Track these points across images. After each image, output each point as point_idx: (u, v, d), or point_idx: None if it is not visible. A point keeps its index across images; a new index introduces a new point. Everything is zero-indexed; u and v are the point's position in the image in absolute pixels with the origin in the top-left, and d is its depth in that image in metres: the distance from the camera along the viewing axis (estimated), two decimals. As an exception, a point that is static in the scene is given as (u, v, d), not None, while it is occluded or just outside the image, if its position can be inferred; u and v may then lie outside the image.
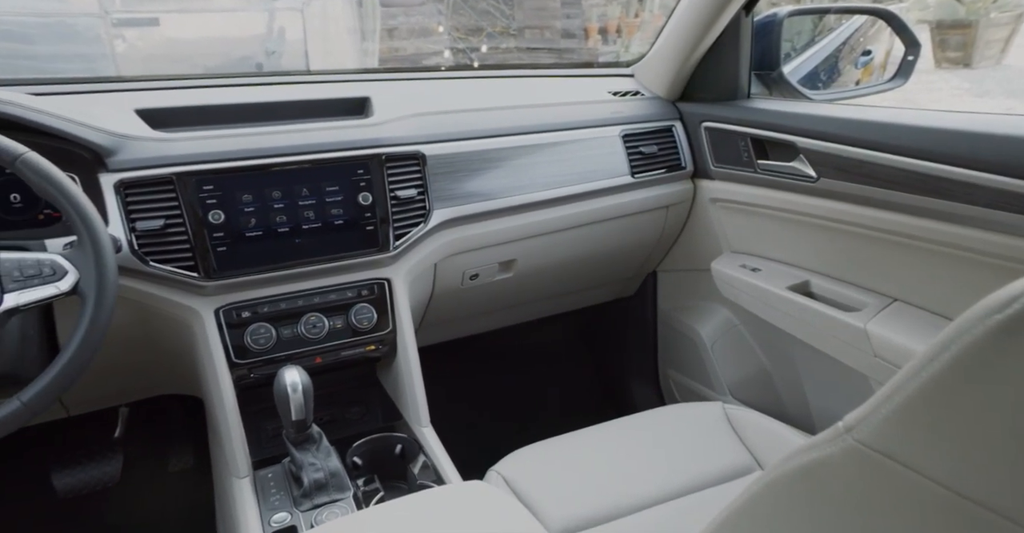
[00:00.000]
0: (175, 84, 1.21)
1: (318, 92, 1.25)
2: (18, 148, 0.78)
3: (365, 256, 1.11)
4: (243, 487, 0.99)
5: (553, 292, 1.60)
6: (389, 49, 5.64)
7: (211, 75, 1.29)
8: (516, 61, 6.88)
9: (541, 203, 1.29)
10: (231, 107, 1.13)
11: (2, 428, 0.76)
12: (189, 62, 4.62)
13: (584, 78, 1.56)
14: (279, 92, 1.25)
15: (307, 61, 4.87)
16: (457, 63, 6.38)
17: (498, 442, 1.21)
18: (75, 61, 4.55)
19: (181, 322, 1.03)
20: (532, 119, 1.30)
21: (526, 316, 1.69)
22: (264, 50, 4.88)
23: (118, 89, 1.15)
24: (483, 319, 1.58)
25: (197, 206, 0.98)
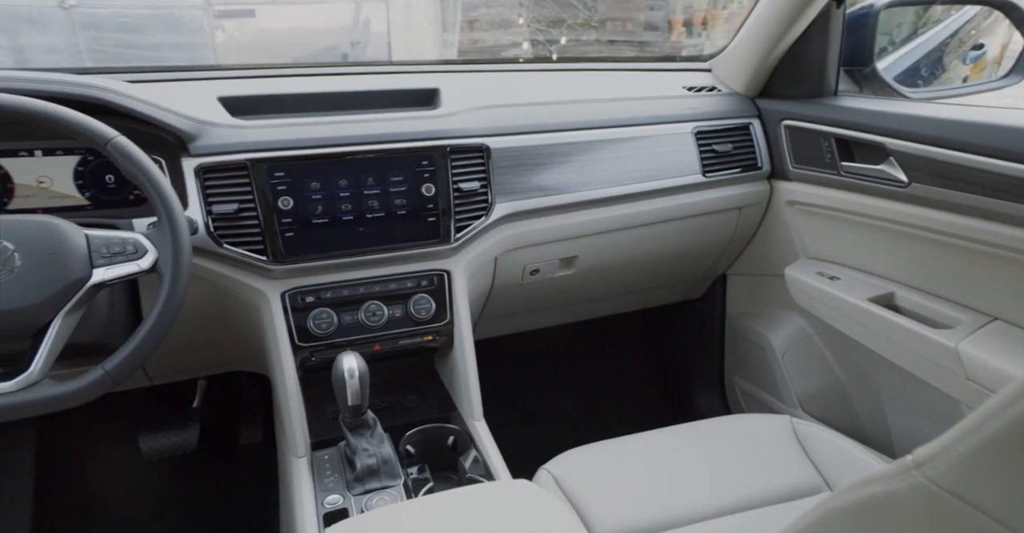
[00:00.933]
0: (256, 73, 1.26)
1: (391, 83, 1.27)
2: (109, 132, 0.83)
3: (426, 247, 1.12)
4: (300, 467, 1.02)
5: (616, 291, 1.57)
6: (469, 41, 5.69)
7: (291, 65, 1.33)
8: (596, 54, 6.78)
9: (606, 200, 1.26)
10: (306, 96, 1.16)
11: (87, 394, 0.81)
12: (280, 51, 4.82)
13: (658, 72, 1.52)
14: (354, 82, 1.28)
15: (389, 51, 4.98)
16: (536, 55, 6.36)
17: (551, 440, 1.20)
18: (179, 50, 4.83)
19: (251, 303, 1.07)
20: (600, 114, 1.27)
21: (588, 314, 1.67)
22: (349, 40, 5.03)
23: (204, 77, 1.21)
24: (543, 315, 1.57)
25: (268, 192, 1.02)
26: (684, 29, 6.99)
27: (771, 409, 1.58)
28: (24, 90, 0.84)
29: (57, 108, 0.81)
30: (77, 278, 0.80)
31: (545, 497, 0.82)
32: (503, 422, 1.82)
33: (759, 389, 1.65)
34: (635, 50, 6.92)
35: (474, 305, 1.32)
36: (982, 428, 0.32)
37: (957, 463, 0.33)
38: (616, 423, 1.29)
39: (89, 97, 0.92)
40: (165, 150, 1.02)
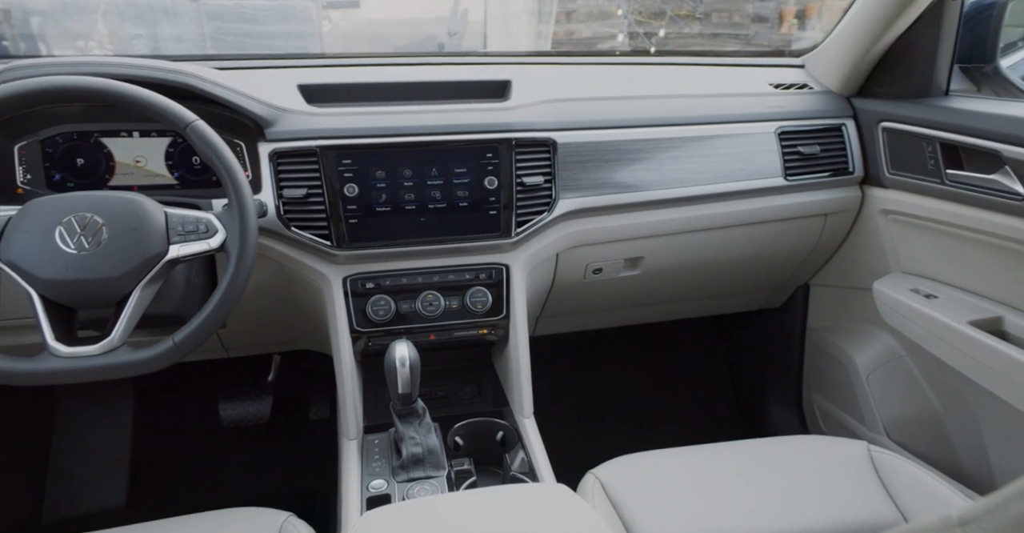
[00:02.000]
0: (337, 62, 1.30)
1: (466, 74, 1.27)
2: (189, 116, 0.88)
3: (486, 240, 1.12)
4: (351, 448, 1.05)
5: (685, 295, 1.51)
6: (565, 32, 5.63)
7: (370, 54, 1.36)
8: (698, 47, 6.51)
9: (677, 200, 1.21)
10: (380, 85, 1.19)
11: (157, 363, 0.87)
12: (381, 41, 4.97)
13: (746, 68, 1.43)
14: (430, 72, 1.29)
15: (484, 42, 5.02)
16: (633, 48, 6.20)
17: (606, 444, 1.17)
18: (289, 39, 5.09)
19: (315, 286, 1.11)
20: (676, 110, 1.22)
21: (655, 316, 1.62)
22: (447, 31, 5.11)
23: (288, 66, 1.26)
24: (607, 315, 1.54)
25: (335, 178, 1.05)
26: (797, 21, 6.59)
27: (852, 432, 1.47)
28: (120, 75, 0.91)
29: (144, 92, 0.86)
30: (155, 253, 0.86)
31: (580, 505, 0.80)
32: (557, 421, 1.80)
33: (839, 410, 1.54)
34: (740, 44, 6.60)
35: (534, 301, 1.31)
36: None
37: (1008, 527, 0.29)
38: (678, 432, 1.24)
39: (177, 82, 0.98)
40: (245, 135, 1.07)
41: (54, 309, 0.85)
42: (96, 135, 1.04)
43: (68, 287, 0.83)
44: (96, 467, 1.63)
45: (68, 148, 1.04)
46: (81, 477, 1.62)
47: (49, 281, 0.82)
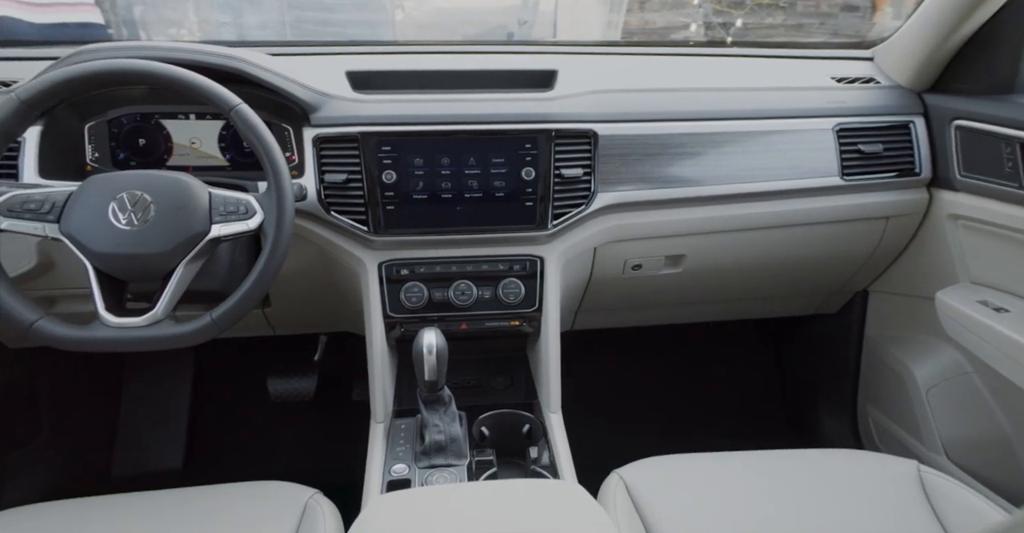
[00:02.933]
0: (390, 50, 1.32)
1: (516, 63, 1.27)
2: (234, 99, 0.91)
3: (521, 231, 1.12)
4: (377, 431, 1.08)
5: (731, 296, 1.45)
6: (639, 22, 5.49)
7: (424, 42, 1.37)
8: (779, 38, 6.22)
9: (723, 197, 1.17)
10: (427, 73, 1.19)
11: (195, 337, 0.91)
12: (451, 29, 5.01)
13: (808, 60, 1.36)
14: (481, 61, 1.29)
15: (554, 31, 4.97)
16: (710, 39, 5.98)
17: (638, 444, 1.15)
18: (362, 26, 5.21)
19: (352, 270, 1.14)
20: (726, 104, 1.17)
21: (700, 316, 1.57)
22: (517, 20, 5.09)
23: (339, 52, 1.28)
24: (649, 312, 1.50)
25: (374, 165, 1.07)
26: (892, 10, 6.18)
27: (908, 449, 1.39)
28: (174, 59, 0.95)
29: (192, 75, 0.90)
30: (198, 232, 0.90)
31: (590, 505, 0.79)
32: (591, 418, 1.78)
33: (896, 425, 1.46)
34: (827, 34, 6.25)
35: (571, 295, 1.30)
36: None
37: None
38: (717, 438, 1.20)
39: (226, 67, 1.02)
40: (293, 119, 1.10)
41: (106, 281, 0.90)
42: (157, 117, 1.10)
43: (118, 260, 0.88)
44: (158, 431, 1.74)
45: (132, 129, 1.10)
46: (145, 439, 1.73)
47: (102, 254, 0.87)
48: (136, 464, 1.71)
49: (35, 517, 0.90)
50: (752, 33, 6.18)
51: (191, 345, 0.92)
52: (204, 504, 0.93)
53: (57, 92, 0.87)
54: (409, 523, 0.74)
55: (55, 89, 0.86)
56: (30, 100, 0.86)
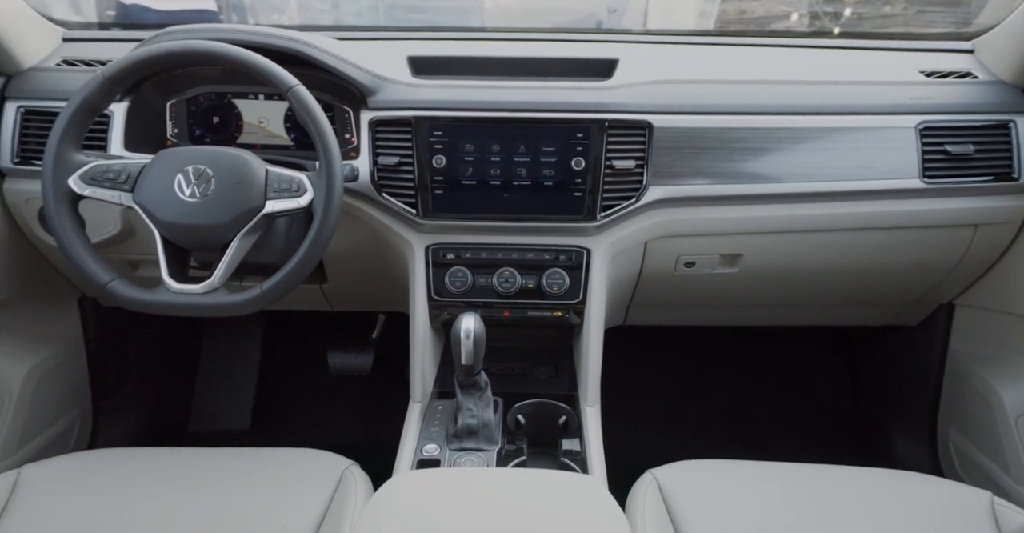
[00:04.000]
0: (455, 35, 1.33)
1: (578, 51, 1.24)
2: (291, 81, 0.95)
3: (568, 222, 1.10)
4: (414, 411, 1.10)
5: (795, 301, 1.38)
6: (737, 10, 5.25)
7: (491, 29, 1.37)
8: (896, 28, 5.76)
9: (785, 196, 1.11)
10: (487, 59, 1.19)
11: (245, 307, 0.96)
12: (540, 16, 4.98)
13: (900, 52, 1.25)
14: (543, 48, 1.27)
15: (645, 19, 4.84)
16: (816, 29, 5.62)
17: (683, 446, 1.12)
18: (451, 13, 5.29)
19: (401, 252, 1.17)
20: (792, 97, 1.10)
21: (762, 319, 1.50)
22: (607, 8, 4.99)
23: (405, 37, 1.31)
24: (705, 311, 1.45)
25: (425, 149, 1.08)
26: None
27: (992, 479, 1.27)
28: (242, 41, 1.00)
29: (254, 56, 0.94)
30: (253, 207, 0.94)
31: (605, 501, 0.78)
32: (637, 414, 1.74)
33: (979, 452, 1.34)
34: (955, 23, 5.74)
35: (621, 289, 1.27)
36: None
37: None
38: (773, 448, 1.14)
39: (289, 49, 1.06)
40: (353, 102, 1.13)
41: (171, 249, 0.97)
42: (229, 96, 1.16)
43: (182, 230, 0.94)
44: (230, 393, 1.87)
45: (207, 107, 1.17)
46: (218, 400, 1.86)
47: (167, 223, 0.94)
48: (209, 422, 1.84)
49: (112, 457, 1.00)
50: (866, 23, 5.75)
51: (242, 314, 0.97)
52: (251, 464, 0.98)
53: (135, 70, 0.94)
54: (423, 500, 0.75)
55: (134, 67, 0.93)
56: (112, 77, 0.93)
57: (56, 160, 0.93)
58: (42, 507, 0.89)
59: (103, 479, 0.94)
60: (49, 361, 1.38)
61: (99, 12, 2.80)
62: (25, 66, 1.16)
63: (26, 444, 1.33)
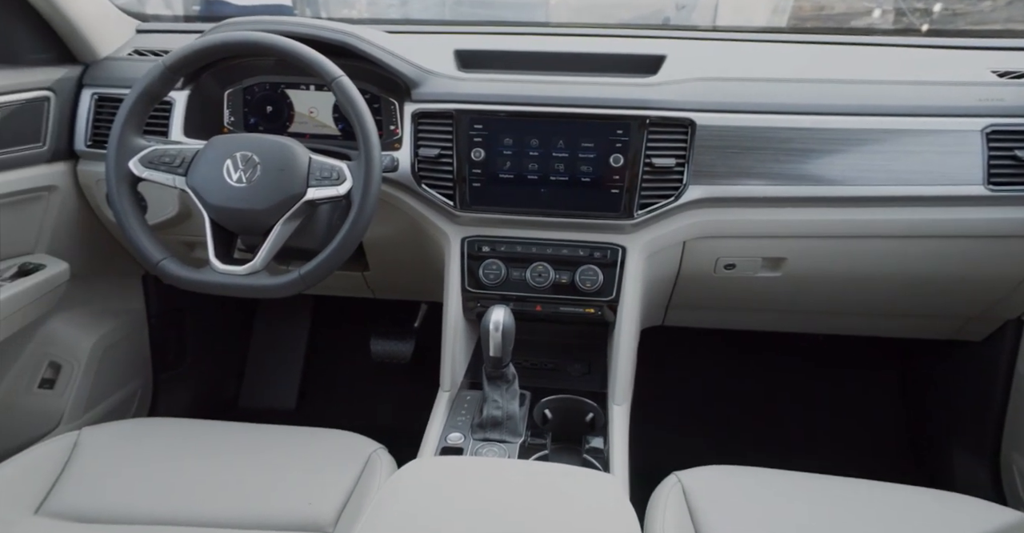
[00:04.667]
0: (504, 30, 1.33)
1: (626, 47, 1.23)
2: (336, 71, 0.98)
3: (604, 218, 1.09)
4: (442, 399, 1.12)
5: (845, 309, 1.32)
6: (813, 6, 5.04)
7: (543, 23, 1.37)
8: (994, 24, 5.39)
9: (833, 200, 1.06)
10: (533, 54, 1.19)
11: (283, 290, 1.00)
12: (605, 12, 4.93)
13: (969, 51, 1.18)
14: (592, 44, 1.26)
15: (715, 15, 4.71)
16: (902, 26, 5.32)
17: (719, 451, 1.10)
18: (516, 8, 5.30)
19: (437, 242, 1.18)
20: (846, 98, 1.05)
21: (809, 327, 1.44)
22: (675, 4, 4.89)
23: (454, 32, 1.32)
24: (748, 315, 1.41)
25: (464, 142, 1.09)
26: None
27: None
28: (293, 33, 1.04)
29: (300, 47, 0.97)
30: (295, 193, 0.98)
31: (618, 500, 0.77)
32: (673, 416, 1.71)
33: None
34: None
35: (659, 290, 1.25)
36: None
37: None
38: (814, 459, 1.10)
39: (335, 41, 1.09)
40: (398, 94, 1.16)
41: (219, 231, 1.02)
42: (282, 87, 1.21)
43: (228, 214, 0.99)
44: (279, 373, 1.95)
45: (262, 96, 1.22)
46: (267, 379, 1.94)
47: (215, 206, 0.98)
48: (258, 400, 1.93)
49: (161, 425, 1.07)
50: (960, 19, 5.39)
51: (280, 296, 1.01)
52: (287, 441, 1.03)
53: (192, 59, 0.99)
54: (437, 484, 0.77)
55: (191, 56, 0.98)
56: (172, 66, 0.99)
57: (119, 144, 0.99)
58: (95, 465, 0.96)
59: (150, 445, 1.00)
60: (114, 333, 1.47)
61: (185, 7, 3.02)
62: (101, 55, 1.24)
63: (91, 409, 1.43)
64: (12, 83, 1.11)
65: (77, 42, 1.20)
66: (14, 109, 1.12)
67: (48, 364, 1.35)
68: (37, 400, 1.34)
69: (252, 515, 0.88)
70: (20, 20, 1.13)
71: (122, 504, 0.89)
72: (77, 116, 1.21)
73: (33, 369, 1.33)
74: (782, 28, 1.89)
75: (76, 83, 1.21)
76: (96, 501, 0.90)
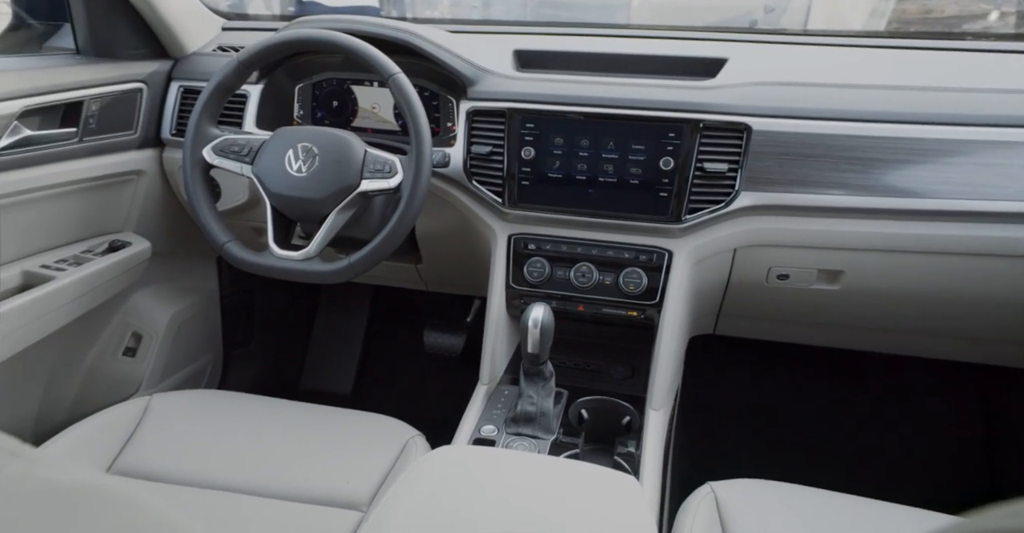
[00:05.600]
0: (571, 31, 1.34)
1: (688, 49, 1.21)
2: (393, 68, 1.02)
3: (652, 222, 1.08)
4: (479, 392, 1.14)
5: (913, 328, 1.25)
6: (919, 9, 4.74)
7: (609, 25, 1.37)
8: None
9: (899, 213, 1.01)
10: (591, 55, 1.20)
11: (334, 277, 1.05)
12: (689, 14, 4.82)
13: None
14: (656, 46, 1.25)
15: (806, 19, 4.53)
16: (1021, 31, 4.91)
17: (761, 465, 1.07)
18: (595, 10, 5.29)
19: (485, 238, 1.21)
20: (919, 105, 0.99)
21: (874, 345, 1.37)
22: (763, 6, 4.73)
23: (517, 32, 1.34)
24: (807, 329, 1.35)
25: (515, 140, 1.11)
26: None
27: None
28: (352, 30, 1.08)
29: (360, 44, 1.02)
30: (349, 184, 1.03)
31: (636, 502, 0.77)
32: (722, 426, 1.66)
33: None
34: None
35: (707, 297, 1.23)
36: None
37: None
38: (872, 485, 1.04)
39: (397, 39, 1.13)
40: (456, 92, 1.19)
41: (279, 218, 1.08)
42: (348, 82, 1.27)
43: (287, 201, 1.05)
44: (337, 358, 2.03)
45: (329, 92, 1.28)
46: (326, 363, 2.03)
47: (276, 194, 1.05)
48: (318, 382, 2.02)
49: (223, 398, 1.15)
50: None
51: (331, 282, 1.06)
52: (334, 422, 1.08)
53: (262, 55, 1.05)
54: (456, 471, 0.79)
55: (261, 52, 1.05)
56: (244, 62, 1.06)
57: (195, 132, 1.07)
58: (160, 430, 1.04)
59: (210, 415, 1.08)
60: (190, 310, 1.58)
61: (282, 8, 3.23)
62: (189, 51, 1.34)
63: (166, 378, 1.54)
64: (112, 76, 1.22)
65: (169, 39, 1.30)
66: (112, 99, 1.23)
67: (131, 334, 1.47)
68: (121, 366, 1.46)
69: (295, 488, 0.93)
70: (121, 19, 1.24)
71: (181, 467, 0.97)
72: (165, 106, 1.31)
73: (119, 338, 1.46)
74: (860, 32, 1.79)
75: (166, 76, 1.31)
76: (159, 463, 0.97)
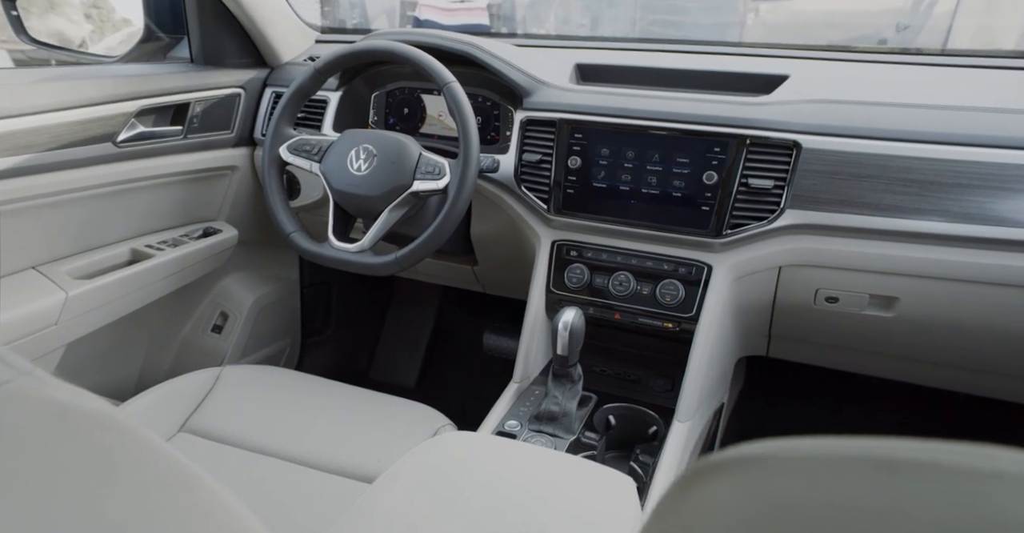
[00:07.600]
0: (630, 46, 1.36)
1: (754, 66, 1.19)
2: (448, 77, 1.08)
3: (692, 235, 1.08)
4: (509, 389, 1.18)
5: (981, 365, 1.14)
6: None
7: (677, 40, 1.37)
8: None
9: (959, 239, 0.94)
10: (650, 70, 1.21)
11: (381, 270, 1.13)
12: (809, 32, 4.63)
13: None
14: (718, 62, 1.24)
15: (946, 38, 4.21)
16: None
17: None
18: (711, 29, 5.21)
19: (531, 243, 1.24)
20: (989, 128, 0.92)
21: (939, 381, 1.27)
22: (896, 25, 4.46)
23: (583, 47, 1.37)
24: (857, 357, 1.27)
25: (563, 150, 1.14)
26: None
27: None
28: (416, 42, 1.16)
29: (419, 54, 1.09)
30: (401, 184, 1.10)
31: (628, 499, 0.77)
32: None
33: None
34: None
35: (752, 316, 1.19)
36: None
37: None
38: None
39: (456, 50, 1.20)
40: (514, 101, 1.24)
41: (339, 212, 1.17)
42: (418, 91, 1.35)
43: (347, 197, 1.14)
44: (405, 352, 2.13)
45: (400, 99, 1.37)
46: (395, 356, 2.13)
47: (338, 190, 1.14)
48: (386, 374, 2.13)
49: (284, 375, 1.24)
50: None
51: (378, 274, 1.14)
52: (377, 406, 1.15)
53: (336, 63, 1.15)
54: (454, 457, 0.82)
55: (334, 61, 1.15)
56: (320, 69, 1.16)
57: (274, 132, 1.19)
58: (228, 397, 1.14)
59: (272, 388, 1.18)
60: (271, 295, 1.73)
61: (401, 23, 3.45)
62: (284, 61, 1.48)
63: (247, 356, 1.69)
64: (216, 81, 1.38)
65: (267, 50, 1.44)
66: (216, 102, 1.39)
67: (219, 313, 1.64)
68: (209, 341, 1.62)
69: (333, 461, 1.01)
70: (228, 32, 1.40)
71: (241, 432, 1.07)
72: (259, 110, 1.46)
73: (209, 316, 1.62)
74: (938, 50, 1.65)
75: (262, 83, 1.46)
76: (224, 427, 1.08)
